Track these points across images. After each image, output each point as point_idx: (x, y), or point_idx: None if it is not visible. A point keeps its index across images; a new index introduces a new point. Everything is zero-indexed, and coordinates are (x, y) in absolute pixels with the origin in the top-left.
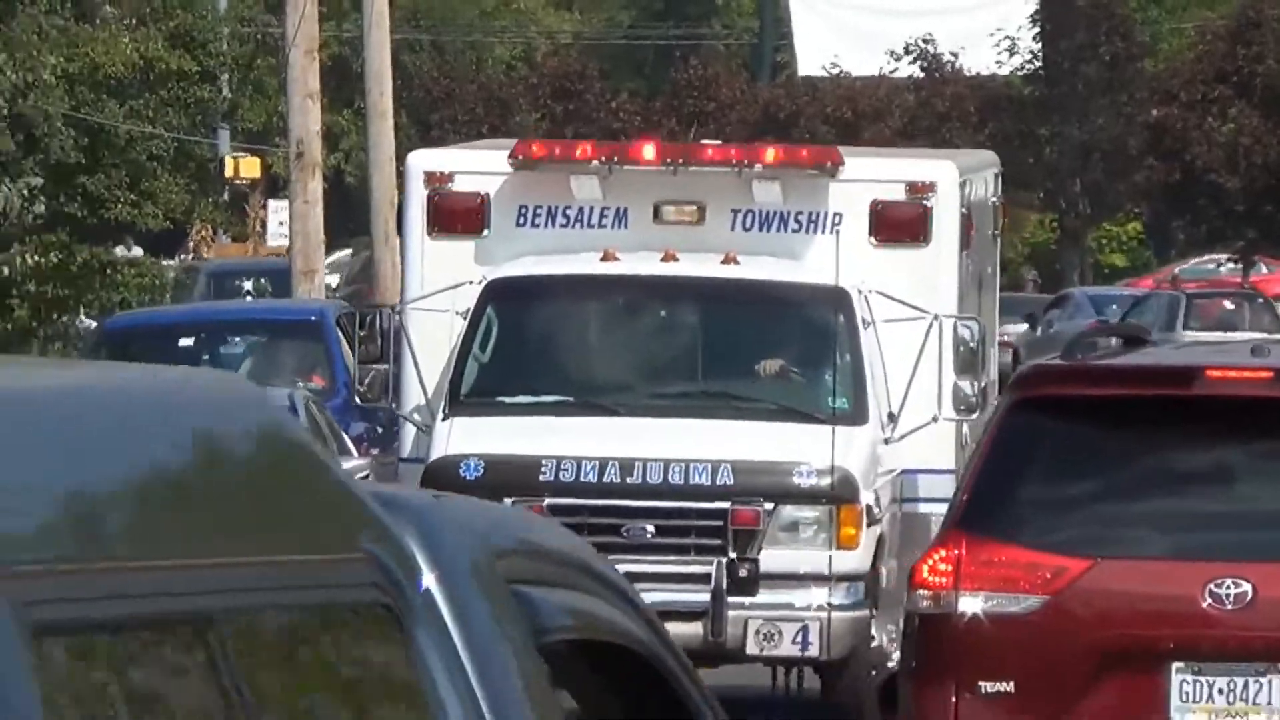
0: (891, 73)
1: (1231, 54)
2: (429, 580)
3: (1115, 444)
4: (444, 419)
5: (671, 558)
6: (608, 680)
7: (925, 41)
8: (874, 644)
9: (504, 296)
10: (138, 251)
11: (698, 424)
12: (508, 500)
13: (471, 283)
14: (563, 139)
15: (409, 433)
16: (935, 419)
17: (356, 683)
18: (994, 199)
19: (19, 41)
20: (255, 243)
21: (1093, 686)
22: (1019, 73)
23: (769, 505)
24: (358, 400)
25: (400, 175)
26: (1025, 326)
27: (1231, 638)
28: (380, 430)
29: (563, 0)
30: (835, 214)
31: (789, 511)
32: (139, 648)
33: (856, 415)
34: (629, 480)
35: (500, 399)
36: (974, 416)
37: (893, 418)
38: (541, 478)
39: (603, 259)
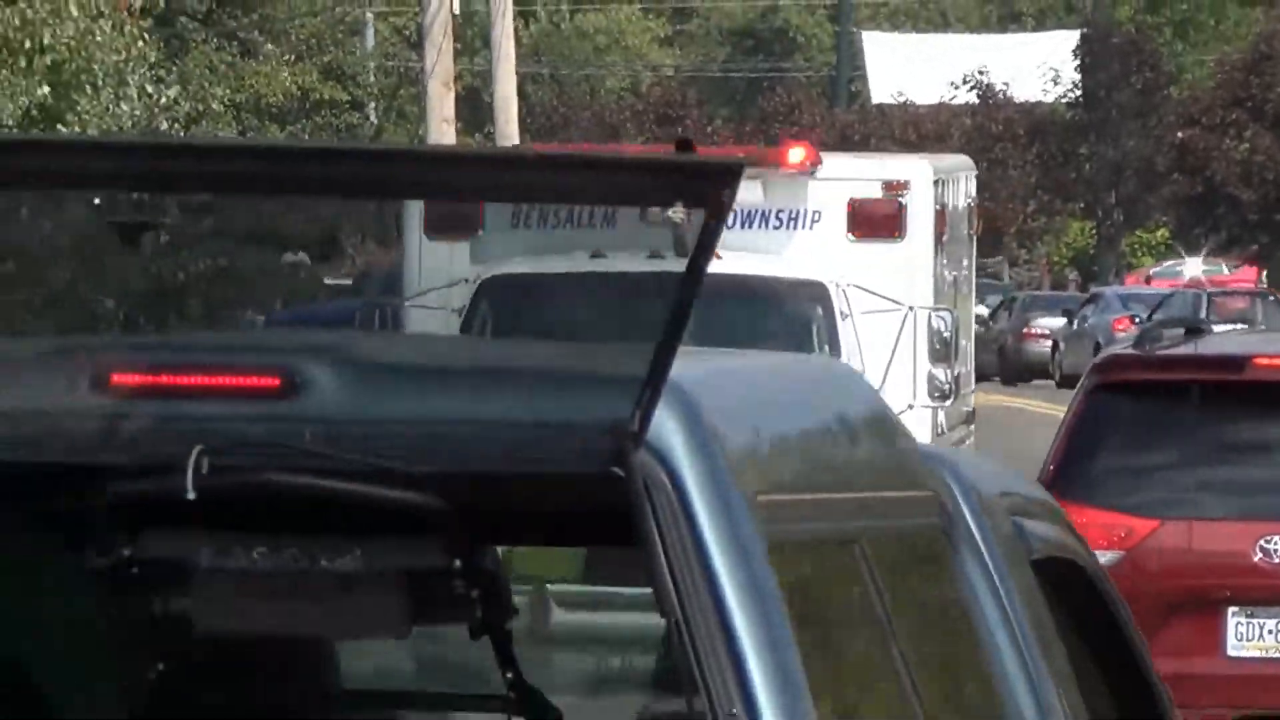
0: (951, 100)
1: (1246, 83)
2: (966, 511)
3: (1178, 421)
4: None
5: None
6: (1055, 592)
7: (980, 73)
8: None
9: (497, 293)
10: (303, 257)
11: None
12: None
13: (466, 281)
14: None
15: None
16: (910, 406)
17: (936, 586)
18: (969, 200)
19: (192, 75)
20: None
21: (1161, 628)
22: (1062, 100)
23: None
24: None
25: None
26: (1064, 321)
27: None
28: None
29: (666, 38)
30: (814, 211)
31: None
32: (820, 558)
33: None
34: None
35: None
36: (948, 403)
37: None
38: None
39: (592, 256)
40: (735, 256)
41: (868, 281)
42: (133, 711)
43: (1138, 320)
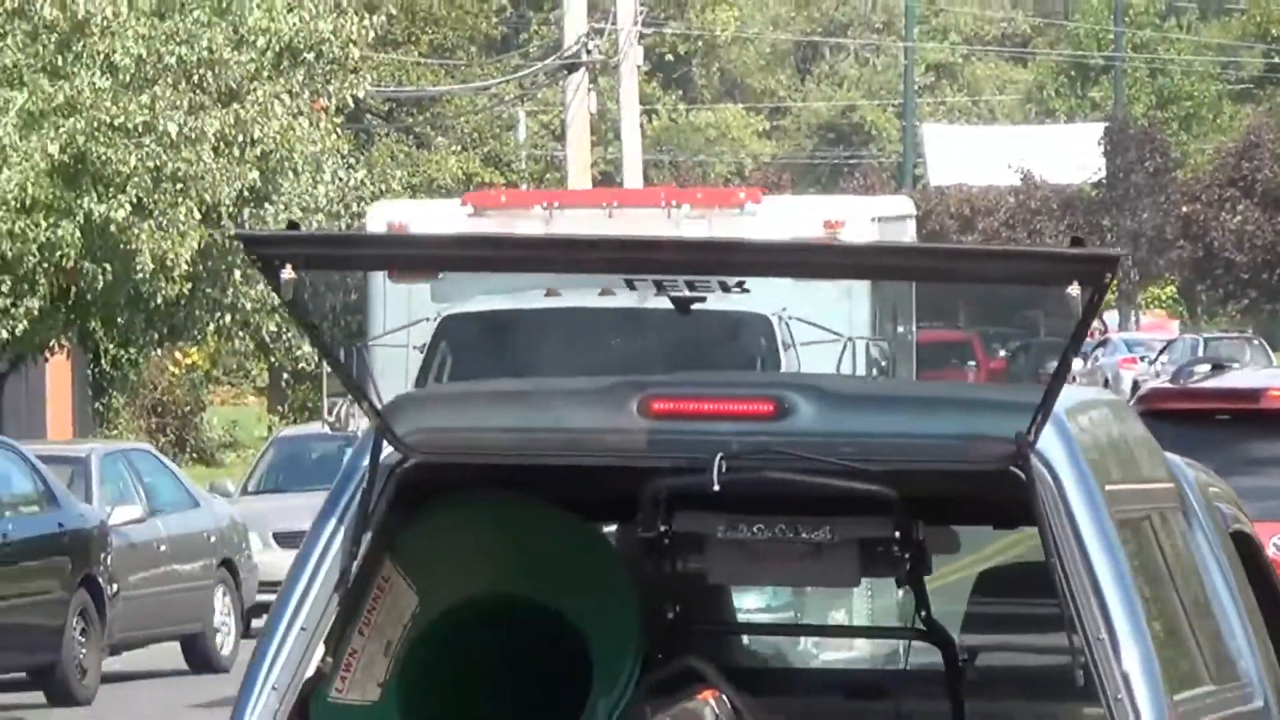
0: (997, 182)
1: (1239, 166)
2: (1191, 497)
3: (1207, 440)
4: None
5: None
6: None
7: (1022, 160)
8: None
9: (456, 331)
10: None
11: None
12: None
13: (428, 319)
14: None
15: None
16: None
17: (1184, 550)
18: (910, 239)
19: (376, 162)
20: None
21: None
22: (1088, 181)
23: None
24: (327, 429)
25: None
26: (1080, 362)
27: None
28: None
29: (764, 132)
30: None
31: None
32: (1135, 529)
33: None
34: None
35: None
36: None
37: None
38: None
39: (546, 295)
40: (684, 294)
41: (809, 314)
42: (650, 641)
43: (1143, 359)
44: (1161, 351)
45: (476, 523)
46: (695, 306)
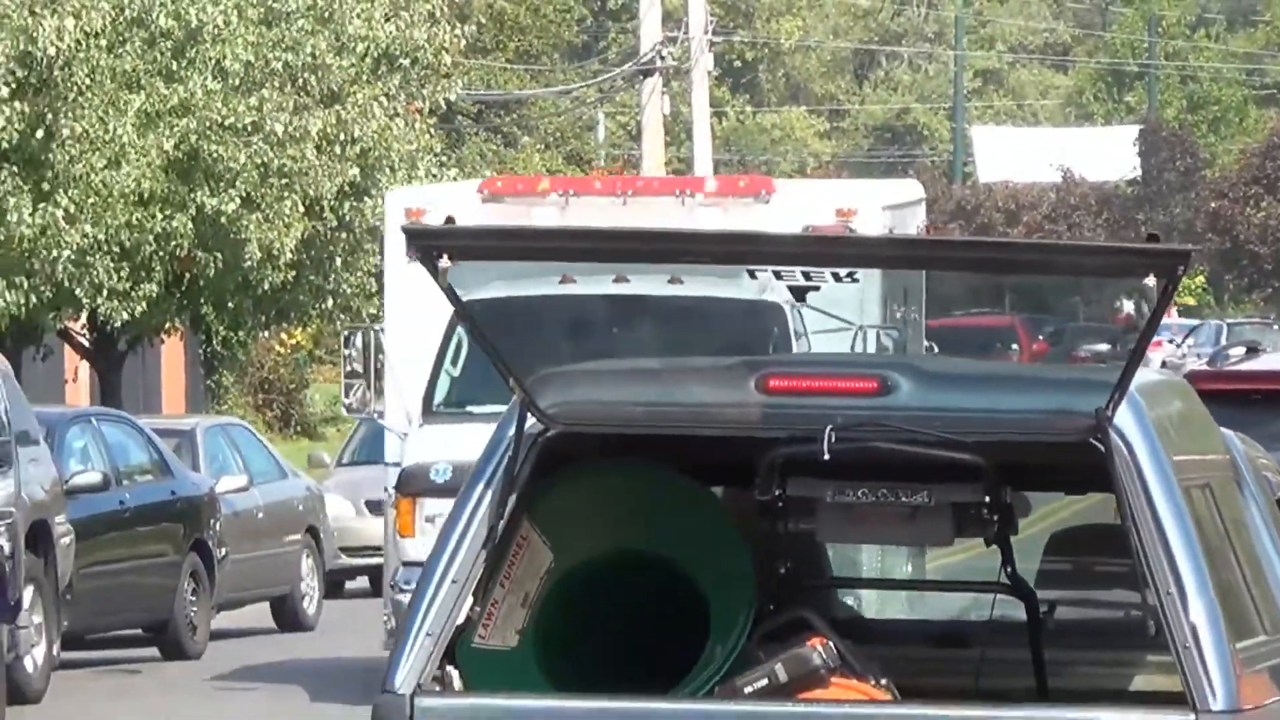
0: (1040, 179)
1: (1263, 165)
2: (1243, 466)
3: (1242, 418)
4: (418, 428)
5: None
6: None
7: (1062, 159)
8: None
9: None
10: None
11: None
12: None
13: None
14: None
15: (392, 440)
16: None
17: (1239, 515)
18: (919, 225)
19: (467, 160)
20: None
21: None
22: (1124, 179)
23: None
24: (344, 410)
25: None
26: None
27: None
28: None
29: (824, 132)
30: None
31: None
32: (1198, 495)
33: None
34: None
35: (469, 409)
36: None
37: None
38: None
39: (561, 281)
40: (696, 281)
41: (821, 302)
42: (762, 595)
43: (1170, 341)
44: (1188, 335)
45: (607, 487)
46: (707, 295)
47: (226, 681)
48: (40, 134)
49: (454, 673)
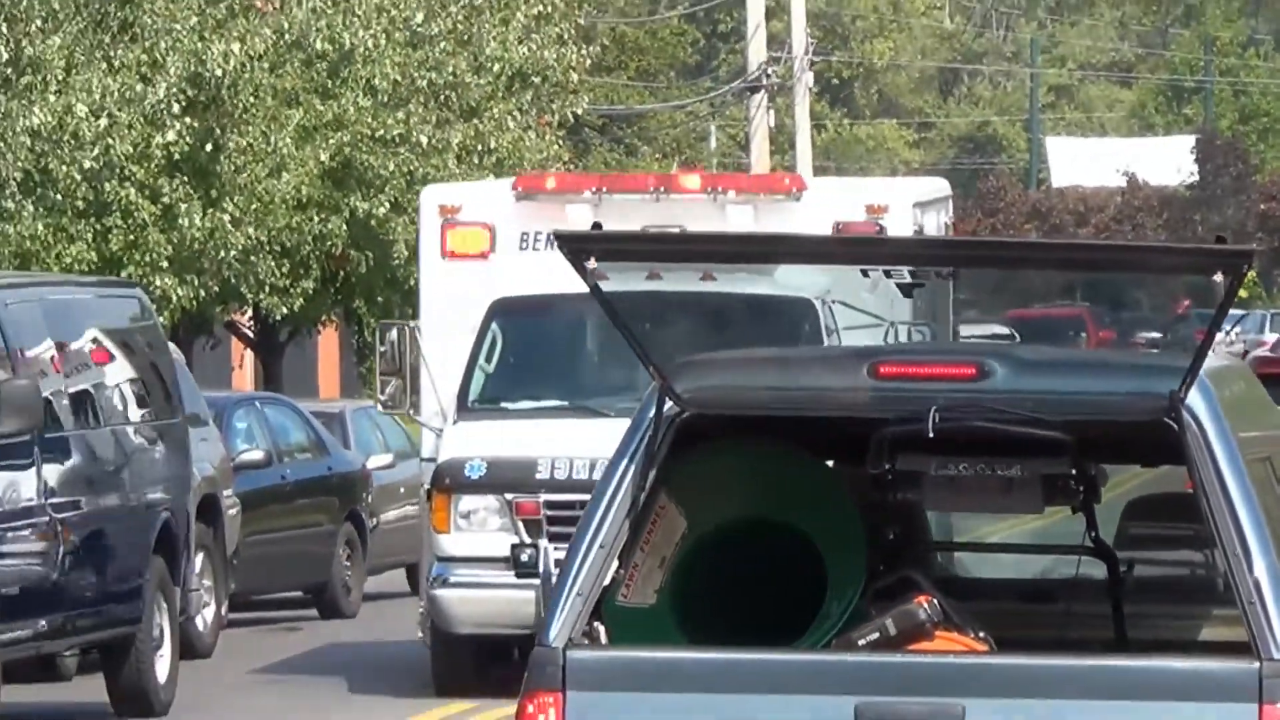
0: (1108, 184)
1: None
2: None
3: None
4: (453, 424)
5: None
6: None
7: (1127, 166)
8: None
9: (505, 313)
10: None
11: None
12: (507, 496)
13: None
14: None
15: (428, 436)
16: None
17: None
18: (946, 221)
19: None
20: None
21: None
22: (1183, 184)
23: None
24: (379, 408)
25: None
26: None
27: None
28: None
29: (913, 142)
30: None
31: None
32: (1260, 468)
33: None
34: None
35: (503, 405)
36: None
37: None
38: (538, 476)
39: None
40: (729, 277)
41: (852, 299)
42: (873, 557)
43: (1221, 329)
44: (1235, 324)
45: (735, 462)
46: (739, 291)
47: (379, 637)
48: (209, 147)
49: (600, 628)
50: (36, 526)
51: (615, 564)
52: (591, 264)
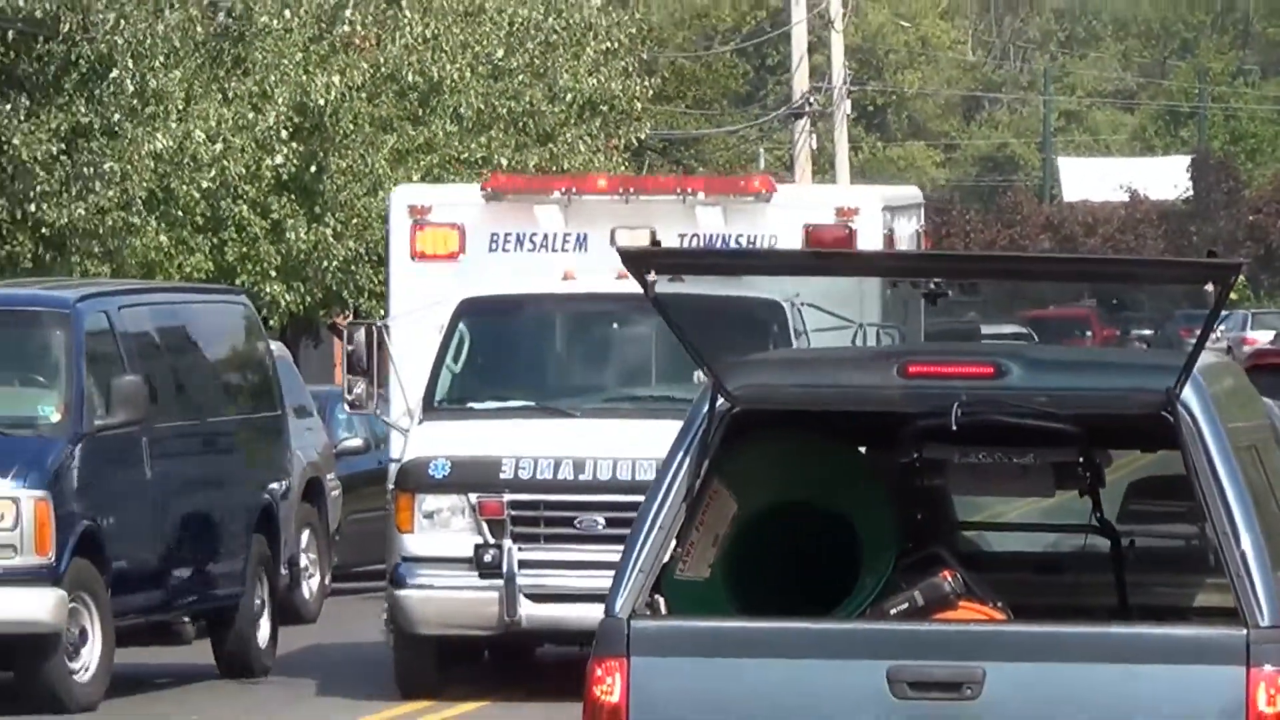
0: (1111, 199)
1: None
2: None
3: None
4: (418, 423)
5: (621, 546)
6: None
7: (1129, 183)
8: None
9: (473, 313)
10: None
11: (643, 424)
12: (471, 496)
13: (438, 303)
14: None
15: (396, 438)
16: None
17: (1277, 469)
18: (919, 228)
19: None
20: None
21: None
22: (1179, 198)
23: None
24: (346, 408)
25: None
26: (1150, 331)
27: None
28: None
29: (939, 162)
30: (771, 235)
31: None
32: (1246, 454)
33: None
34: (581, 476)
35: (469, 405)
36: None
37: None
38: (502, 475)
39: (562, 279)
40: (698, 279)
41: (821, 301)
42: (903, 536)
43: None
44: (1220, 323)
45: (780, 451)
46: (708, 293)
47: None
48: (313, 168)
49: (660, 600)
50: (147, 508)
51: (673, 543)
52: (652, 276)
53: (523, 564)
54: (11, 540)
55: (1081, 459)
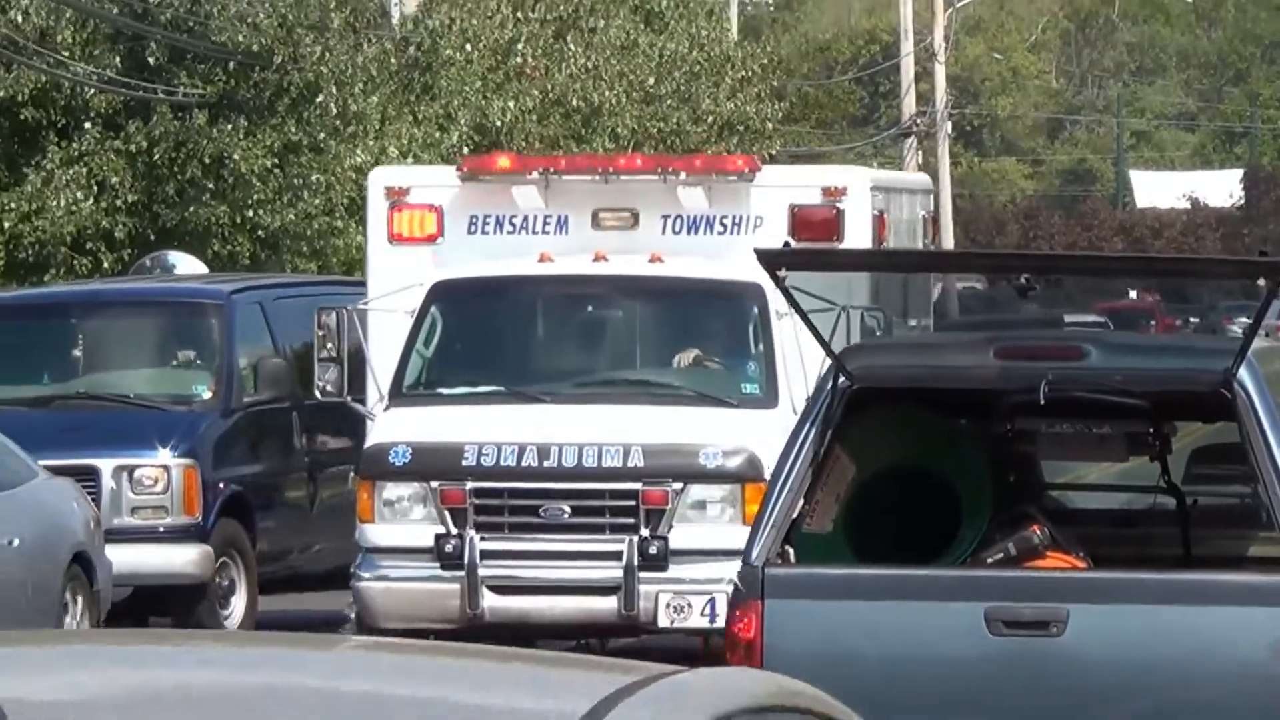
0: (1175, 206)
1: None
2: None
3: None
4: (384, 410)
5: (587, 536)
6: None
7: (1191, 192)
8: None
9: (445, 297)
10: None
11: (616, 410)
12: (432, 483)
13: (421, 285)
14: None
15: (371, 426)
16: None
17: None
18: (923, 213)
19: None
20: None
21: None
22: (1234, 205)
23: (678, 485)
24: (317, 394)
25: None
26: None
27: None
28: None
29: (1028, 175)
30: (756, 216)
31: (697, 490)
32: None
33: (768, 399)
34: (546, 464)
35: (439, 390)
36: None
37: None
38: (464, 462)
39: (539, 260)
40: (679, 261)
41: (807, 283)
42: (997, 495)
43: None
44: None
45: (892, 422)
46: (689, 275)
47: None
48: None
49: (790, 550)
50: (295, 472)
51: (801, 501)
52: (783, 272)
53: (485, 554)
54: (163, 502)
55: (1151, 429)
